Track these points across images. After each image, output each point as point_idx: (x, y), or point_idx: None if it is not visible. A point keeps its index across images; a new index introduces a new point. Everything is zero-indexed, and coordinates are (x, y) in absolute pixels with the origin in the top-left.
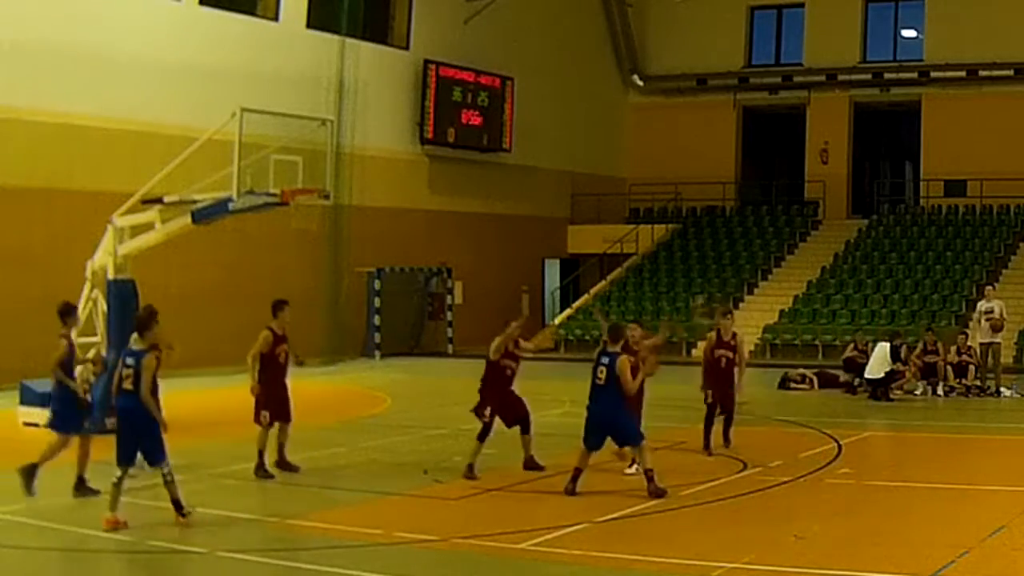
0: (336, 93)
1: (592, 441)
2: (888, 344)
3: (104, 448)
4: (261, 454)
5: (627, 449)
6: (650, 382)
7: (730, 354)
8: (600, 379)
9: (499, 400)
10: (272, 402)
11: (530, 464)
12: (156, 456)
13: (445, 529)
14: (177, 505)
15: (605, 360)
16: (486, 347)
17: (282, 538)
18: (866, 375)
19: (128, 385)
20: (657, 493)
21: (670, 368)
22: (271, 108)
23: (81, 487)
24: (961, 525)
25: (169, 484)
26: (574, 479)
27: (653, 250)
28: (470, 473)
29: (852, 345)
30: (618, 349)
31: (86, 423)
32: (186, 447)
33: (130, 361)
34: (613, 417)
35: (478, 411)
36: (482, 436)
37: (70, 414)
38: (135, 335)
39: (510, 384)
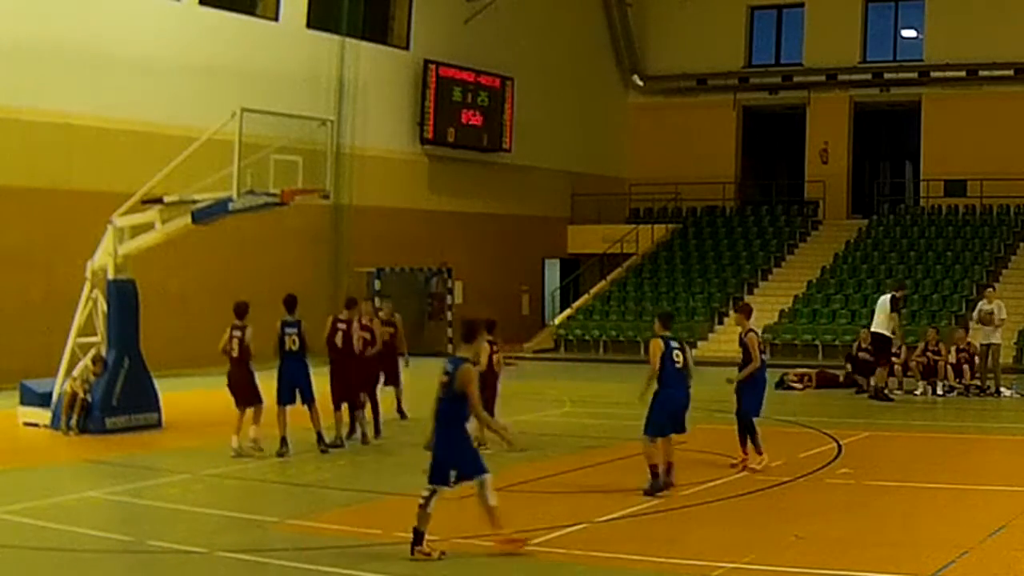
0: (336, 93)
1: (672, 426)
2: (889, 296)
3: (104, 448)
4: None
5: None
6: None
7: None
8: (678, 362)
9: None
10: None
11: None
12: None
13: (445, 529)
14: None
15: (676, 344)
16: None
17: (282, 538)
18: (872, 328)
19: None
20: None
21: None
22: (271, 108)
23: None
24: (961, 525)
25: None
26: (668, 472)
27: (653, 250)
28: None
29: (857, 344)
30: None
31: (87, 423)
32: (187, 447)
33: (449, 368)
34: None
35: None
36: None
37: None
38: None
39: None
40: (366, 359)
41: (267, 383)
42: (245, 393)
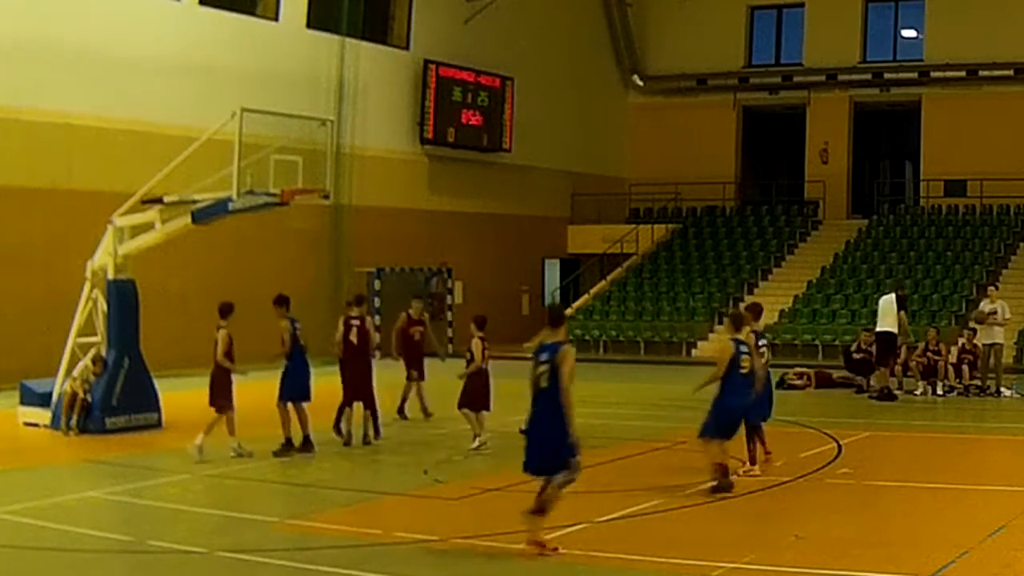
0: (336, 93)
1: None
2: (893, 295)
3: (104, 448)
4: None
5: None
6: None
7: None
8: (745, 368)
9: None
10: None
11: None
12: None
13: (445, 529)
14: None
15: (745, 348)
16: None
17: (282, 538)
18: (877, 328)
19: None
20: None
21: (670, 368)
22: (271, 108)
23: None
24: (961, 525)
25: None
26: (726, 473)
27: (653, 250)
28: None
29: (856, 345)
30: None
31: (87, 423)
32: (187, 447)
33: (546, 356)
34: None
35: None
36: None
37: None
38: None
39: None
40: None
41: (263, 384)
42: (215, 397)
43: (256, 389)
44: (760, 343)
